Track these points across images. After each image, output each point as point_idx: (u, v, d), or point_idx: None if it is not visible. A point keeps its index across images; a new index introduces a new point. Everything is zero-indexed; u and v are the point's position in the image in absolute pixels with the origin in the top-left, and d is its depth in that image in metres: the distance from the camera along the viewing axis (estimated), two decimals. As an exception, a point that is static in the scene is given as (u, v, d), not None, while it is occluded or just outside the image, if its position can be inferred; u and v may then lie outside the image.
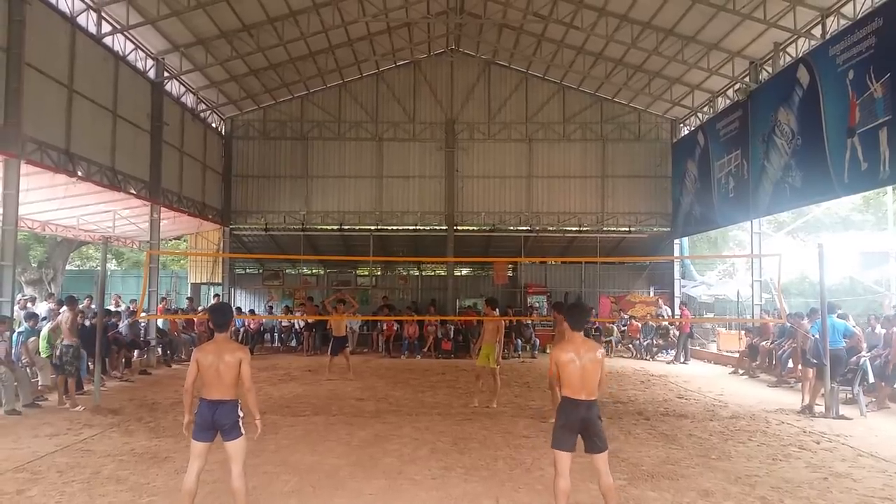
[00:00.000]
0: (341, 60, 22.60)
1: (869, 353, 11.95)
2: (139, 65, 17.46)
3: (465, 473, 7.09)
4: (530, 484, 6.71)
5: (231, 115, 24.15)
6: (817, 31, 15.30)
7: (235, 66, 20.37)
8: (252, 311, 23.56)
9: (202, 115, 22.01)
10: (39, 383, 11.74)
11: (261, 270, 26.49)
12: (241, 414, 5.33)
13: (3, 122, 11.92)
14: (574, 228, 24.46)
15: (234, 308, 5.11)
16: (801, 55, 15.68)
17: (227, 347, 5.38)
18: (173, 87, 19.62)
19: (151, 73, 18.04)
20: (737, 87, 18.73)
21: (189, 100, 20.90)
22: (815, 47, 15.02)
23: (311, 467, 7.25)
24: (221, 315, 5.56)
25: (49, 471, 6.98)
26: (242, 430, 5.33)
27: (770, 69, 17.41)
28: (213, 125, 23.25)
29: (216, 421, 5.25)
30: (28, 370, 11.54)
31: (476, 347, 12.17)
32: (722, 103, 20.37)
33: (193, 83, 20.73)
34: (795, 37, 16.16)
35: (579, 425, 5.27)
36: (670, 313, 21.99)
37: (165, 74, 18.59)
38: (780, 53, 16.93)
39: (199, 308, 22.06)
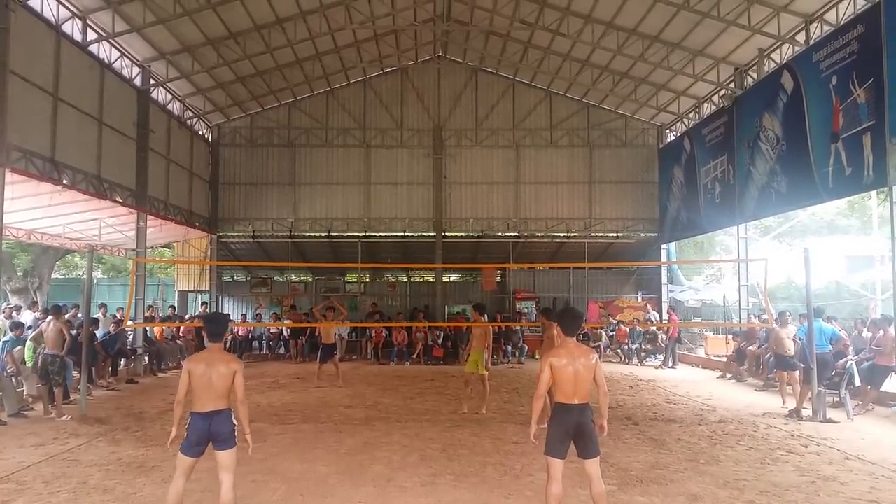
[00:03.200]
0: (328, 67, 22.59)
1: (855, 357, 12.04)
2: (125, 72, 17.40)
3: (455, 480, 7.08)
4: (520, 490, 6.70)
5: (218, 123, 24.09)
6: (801, 38, 15.45)
7: (222, 73, 20.34)
8: (244, 317, 23.50)
9: (189, 122, 21.95)
10: (25, 393, 11.64)
11: (249, 278, 26.39)
12: (235, 423, 5.21)
13: (-12, 131, 11.86)
14: (562, 234, 24.53)
15: (229, 316, 5.07)
16: (785, 61, 15.83)
17: (221, 358, 5.24)
18: (160, 94, 19.56)
19: (137, 81, 17.98)
20: (722, 93, 18.88)
21: (175, 107, 20.84)
22: (798, 53, 15.18)
23: (299, 475, 7.21)
24: (216, 325, 5.46)
25: (35, 481, 6.92)
26: (237, 441, 5.21)
27: (755, 75, 17.54)
28: (200, 132, 23.20)
29: (213, 432, 5.10)
30: (13, 380, 11.44)
31: (465, 354, 12.16)
32: (707, 109, 20.53)
33: (180, 90, 20.68)
34: (780, 43, 16.30)
35: (573, 430, 5.27)
36: (658, 318, 22.07)
37: (152, 82, 18.52)
38: (765, 59, 17.06)
39: (187, 316, 21.96)
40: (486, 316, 12.15)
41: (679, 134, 22.74)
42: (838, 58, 13.18)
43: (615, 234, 24.61)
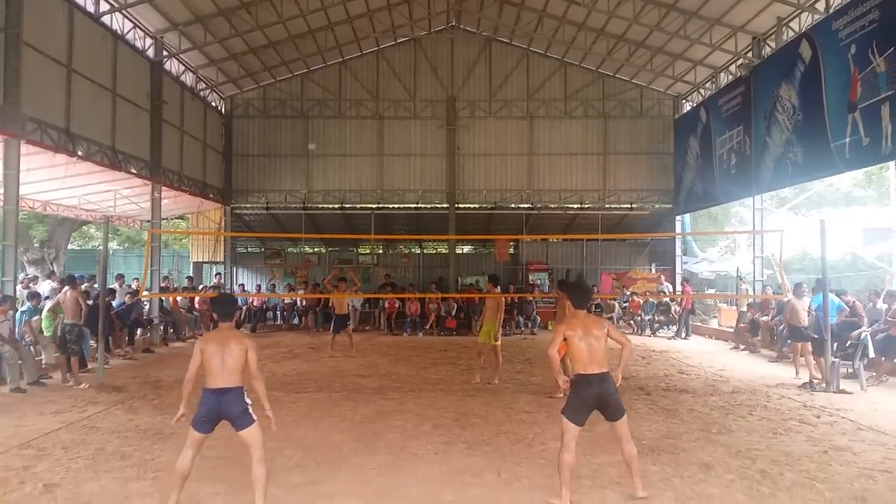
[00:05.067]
0: (341, 38, 22.45)
1: (870, 328, 12.00)
2: (138, 44, 17.36)
3: (468, 448, 7.15)
4: (531, 458, 6.76)
5: (231, 94, 24.04)
6: (821, 6, 15.14)
7: (234, 44, 20.25)
8: (259, 288, 23.71)
9: (202, 93, 21.92)
10: (43, 362, 11.81)
11: (262, 249, 26.53)
12: (248, 401, 5.17)
13: (3, 102, 11.89)
14: (576, 205, 24.41)
15: (237, 297, 4.99)
16: (803, 30, 15.56)
17: (233, 335, 5.27)
18: (172, 65, 19.52)
19: (150, 52, 17.94)
20: (739, 62, 18.61)
21: (188, 78, 20.80)
22: (817, 21, 14.90)
23: (314, 443, 7.31)
24: (226, 305, 5.51)
25: (54, 447, 7.04)
26: (254, 416, 5.16)
27: (773, 44, 17.27)
28: (213, 104, 23.16)
29: (223, 411, 5.09)
30: (32, 349, 11.61)
31: (478, 324, 12.22)
32: (724, 79, 20.26)
33: (193, 62, 20.61)
34: (798, 11, 16.02)
35: (594, 401, 5.34)
36: (671, 289, 22.02)
37: (164, 53, 18.49)
38: (783, 28, 16.78)
39: (201, 287, 22.12)
40: (499, 287, 12.19)
41: (695, 104, 22.49)
42: (858, 26, 12.93)
43: (629, 206, 24.46)
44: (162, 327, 17.41)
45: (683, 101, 23.77)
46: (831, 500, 5.56)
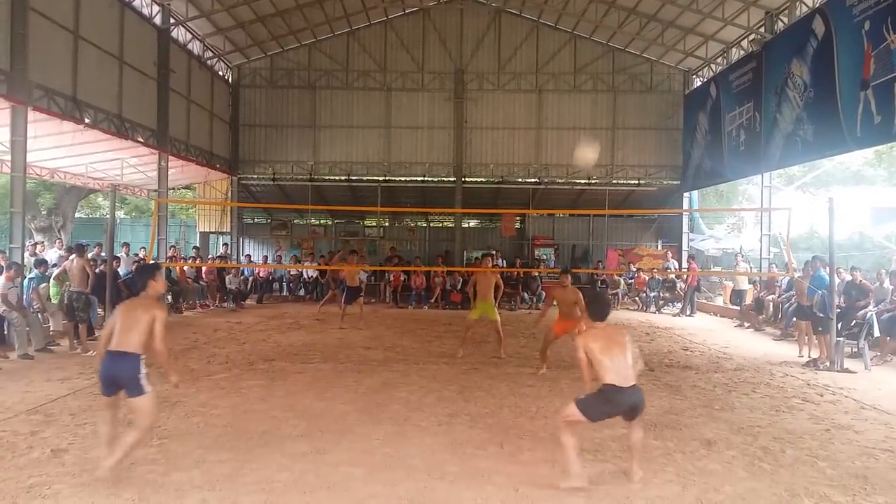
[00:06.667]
0: (349, 7, 22.24)
1: (876, 308, 11.97)
2: (145, 11, 17.28)
3: (471, 420, 7.18)
4: (534, 431, 6.79)
5: (238, 63, 23.92)
6: (836, -20, 14.94)
7: (242, 12, 20.11)
8: (265, 258, 23.85)
9: (209, 62, 21.81)
10: (51, 329, 11.88)
11: (269, 220, 26.56)
12: (143, 371, 5.13)
13: (10, 69, 11.87)
14: (583, 181, 24.31)
15: (160, 265, 5.03)
16: (817, 5, 15.34)
17: (143, 304, 5.32)
18: (179, 33, 19.41)
19: (157, 20, 17.84)
20: (751, 37, 18.39)
21: (196, 47, 20.70)
22: (833, -4, 14.70)
23: (319, 413, 7.34)
24: (139, 275, 5.67)
25: (62, 413, 7.10)
26: (146, 389, 5.12)
27: (786, 20, 17.06)
28: (220, 73, 23.06)
29: (116, 375, 5.10)
30: (39, 316, 11.67)
31: (470, 288, 12.08)
32: (736, 54, 20.04)
33: (200, 30, 20.49)
34: (813, -14, 15.81)
35: (623, 410, 5.21)
36: (678, 266, 21.98)
37: (171, 21, 18.37)
38: (797, 3, 16.55)
39: (209, 257, 22.19)
40: (500, 262, 12.15)
41: (706, 80, 22.29)
42: (873, 2, 12.71)
43: (637, 182, 24.35)
44: (169, 297, 17.45)
45: (694, 76, 23.57)
46: (832, 478, 5.57)
